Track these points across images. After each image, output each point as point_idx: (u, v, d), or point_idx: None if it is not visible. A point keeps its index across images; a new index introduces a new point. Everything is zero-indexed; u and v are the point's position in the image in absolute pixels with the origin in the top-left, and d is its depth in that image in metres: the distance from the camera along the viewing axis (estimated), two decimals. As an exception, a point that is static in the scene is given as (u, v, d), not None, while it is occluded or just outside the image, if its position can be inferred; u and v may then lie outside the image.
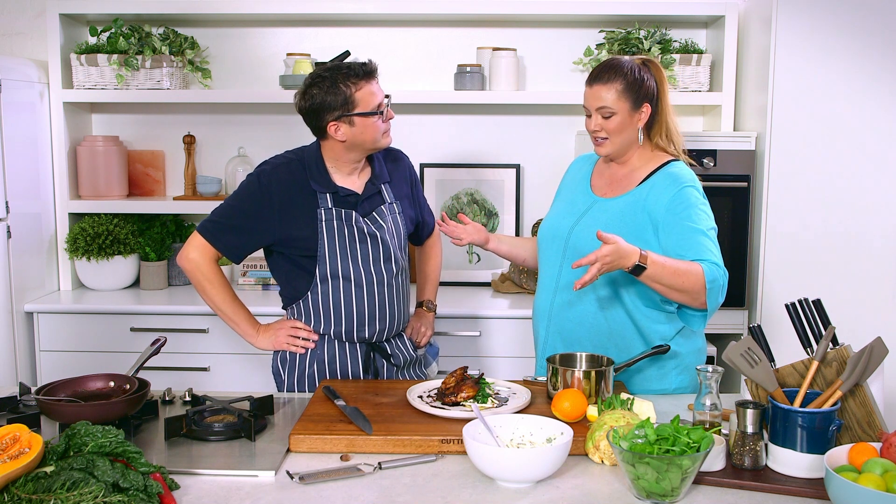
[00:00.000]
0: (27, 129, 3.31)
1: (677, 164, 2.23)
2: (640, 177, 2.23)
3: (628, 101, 2.17)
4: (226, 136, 3.74)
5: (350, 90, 2.19)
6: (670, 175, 2.19)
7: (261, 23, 3.68)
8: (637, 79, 2.17)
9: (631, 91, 2.16)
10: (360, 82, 2.20)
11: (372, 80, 2.23)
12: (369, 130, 2.23)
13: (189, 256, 2.29)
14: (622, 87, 2.16)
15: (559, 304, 2.27)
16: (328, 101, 2.19)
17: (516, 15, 3.52)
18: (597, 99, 2.18)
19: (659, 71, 2.24)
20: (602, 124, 2.19)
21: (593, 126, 2.21)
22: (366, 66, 2.23)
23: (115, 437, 1.54)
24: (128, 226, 3.51)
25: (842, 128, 3.10)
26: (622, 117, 2.17)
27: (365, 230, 2.30)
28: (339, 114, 2.20)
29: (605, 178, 2.31)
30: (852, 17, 3.04)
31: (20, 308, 3.23)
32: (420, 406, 1.94)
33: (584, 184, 2.35)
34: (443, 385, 2.01)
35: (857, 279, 3.14)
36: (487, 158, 3.72)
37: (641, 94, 2.18)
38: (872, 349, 1.69)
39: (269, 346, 2.37)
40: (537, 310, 2.35)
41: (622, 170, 2.28)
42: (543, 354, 2.33)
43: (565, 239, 2.26)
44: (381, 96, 2.25)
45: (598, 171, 2.36)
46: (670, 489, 1.53)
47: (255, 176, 2.31)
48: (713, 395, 1.79)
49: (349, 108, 2.20)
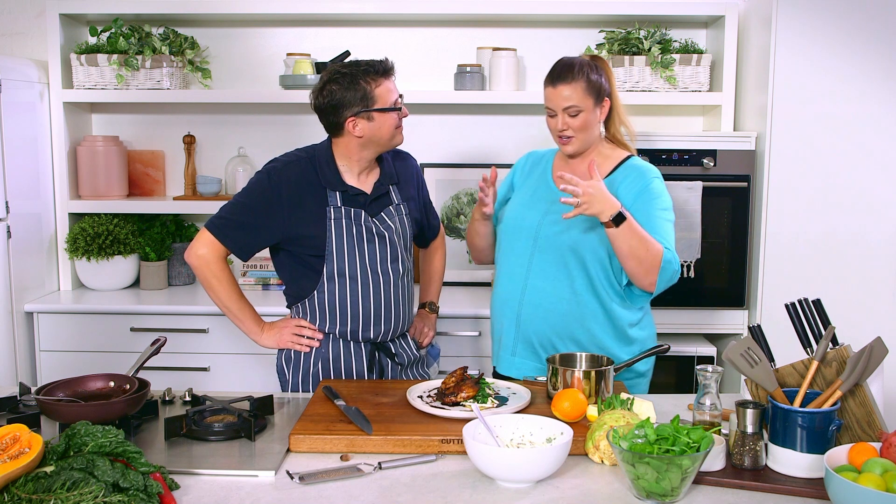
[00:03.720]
0: (27, 129, 3.31)
1: (637, 159, 2.35)
2: (603, 173, 2.31)
3: (592, 97, 2.26)
4: (226, 136, 3.74)
5: (370, 86, 2.22)
6: (636, 168, 2.31)
7: (261, 23, 3.68)
8: (595, 77, 2.27)
9: (593, 87, 2.26)
10: (378, 79, 2.23)
11: (389, 77, 2.27)
12: (386, 126, 2.26)
13: (197, 253, 2.29)
14: (585, 85, 2.24)
15: (531, 292, 2.30)
16: (347, 98, 2.21)
17: (516, 15, 3.52)
18: (563, 98, 2.25)
19: (606, 66, 2.33)
20: (569, 122, 2.26)
21: (560, 126, 2.27)
22: (384, 63, 2.26)
23: (115, 437, 1.54)
24: (128, 226, 3.51)
25: (842, 127, 3.10)
26: (588, 114, 2.26)
27: (373, 230, 2.30)
28: (358, 109, 2.22)
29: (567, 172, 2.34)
30: (852, 17, 3.04)
31: (20, 308, 3.23)
32: (420, 406, 1.94)
33: (546, 177, 2.41)
34: (443, 385, 2.01)
35: (857, 279, 3.14)
36: (487, 158, 3.72)
37: (602, 90, 2.28)
38: (872, 349, 1.69)
39: (273, 344, 2.37)
40: (500, 300, 2.38)
41: (583, 166, 2.33)
42: (506, 345, 2.37)
43: (535, 230, 2.31)
44: (397, 94, 2.28)
45: (557, 167, 2.41)
46: (670, 489, 1.53)
47: (265, 173, 2.31)
48: (713, 395, 1.79)
49: (368, 103, 2.22)
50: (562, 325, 2.28)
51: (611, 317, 2.28)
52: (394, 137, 2.30)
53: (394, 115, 2.26)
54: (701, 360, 3.28)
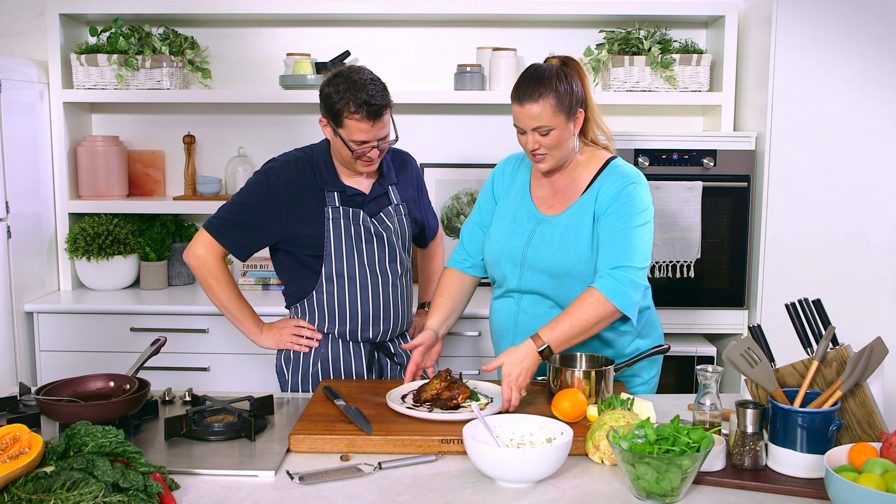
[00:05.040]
0: (27, 129, 3.31)
1: (617, 162, 2.19)
2: (584, 183, 2.18)
3: (563, 114, 2.06)
4: (226, 136, 3.74)
5: (346, 112, 2.15)
6: (615, 173, 2.15)
7: (261, 23, 3.68)
8: (566, 88, 2.06)
9: (563, 103, 2.05)
10: (355, 116, 2.15)
11: (369, 121, 2.15)
12: (344, 153, 2.22)
13: (196, 253, 2.29)
14: (555, 102, 2.04)
15: (525, 302, 2.23)
16: (329, 103, 2.18)
17: (516, 15, 3.52)
18: (531, 119, 2.05)
19: (579, 68, 2.14)
20: (540, 141, 2.08)
21: (531, 145, 2.09)
22: (370, 101, 2.13)
23: (115, 437, 1.54)
24: (128, 226, 3.51)
25: (842, 127, 3.10)
26: (560, 131, 2.07)
27: (371, 230, 2.30)
28: (329, 117, 2.21)
29: (546, 189, 2.24)
30: (852, 17, 3.04)
31: (20, 308, 3.23)
32: (420, 415, 1.89)
33: (524, 196, 2.26)
34: (431, 391, 1.97)
35: (857, 279, 3.14)
36: (487, 158, 3.72)
37: (574, 102, 2.08)
38: (872, 349, 1.69)
39: (272, 344, 2.37)
40: (500, 319, 2.30)
41: (562, 179, 2.21)
42: None
43: (520, 260, 2.20)
44: (371, 136, 2.17)
45: (536, 180, 2.26)
46: (670, 489, 1.53)
47: (263, 173, 2.31)
48: (713, 395, 1.79)
49: (336, 123, 2.19)
50: None
51: (603, 337, 2.20)
52: (353, 164, 2.24)
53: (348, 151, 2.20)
54: (701, 360, 3.28)
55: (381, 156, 2.25)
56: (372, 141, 2.18)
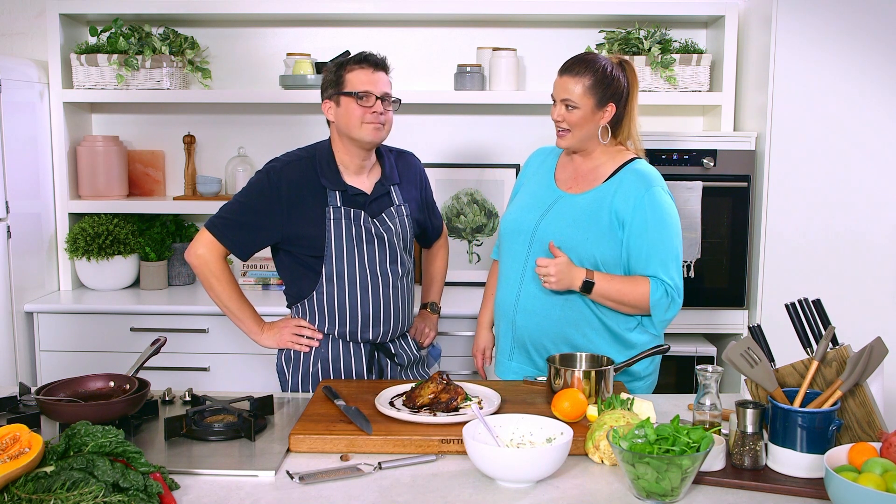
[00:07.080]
0: (27, 129, 3.31)
1: (641, 162, 2.28)
2: (606, 173, 2.26)
3: (593, 98, 2.18)
4: (226, 136, 3.74)
5: (345, 71, 2.24)
6: (637, 174, 2.23)
7: (261, 23, 3.68)
8: (607, 76, 2.19)
9: (598, 88, 2.18)
10: (356, 67, 2.24)
11: (369, 68, 2.24)
12: (351, 115, 2.23)
13: (197, 252, 2.30)
14: (590, 83, 2.18)
15: (525, 297, 2.27)
16: (327, 79, 2.27)
17: (516, 15, 3.52)
18: (563, 90, 2.20)
19: (633, 73, 2.26)
20: (564, 115, 2.21)
21: (556, 115, 2.23)
22: (369, 55, 2.25)
23: (115, 437, 1.54)
24: (128, 226, 3.51)
25: (842, 127, 3.10)
26: (584, 112, 2.19)
27: (373, 231, 2.30)
28: (331, 92, 2.25)
29: (569, 171, 2.33)
30: (852, 17, 3.04)
31: (20, 308, 3.23)
32: (423, 419, 1.87)
33: (549, 177, 2.36)
34: (429, 395, 1.96)
35: (857, 279, 3.14)
36: (487, 158, 3.72)
37: (608, 93, 2.20)
38: (872, 349, 1.69)
39: (273, 344, 2.38)
40: (498, 305, 2.37)
41: (586, 164, 2.30)
42: (503, 349, 2.36)
43: (531, 233, 2.28)
44: (374, 87, 2.23)
45: (561, 164, 2.37)
46: (670, 489, 1.53)
47: (265, 173, 2.31)
48: (713, 395, 1.79)
49: (339, 87, 2.24)
50: (556, 330, 2.25)
51: (605, 322, 2.24)
52: (360, 129, 2.23)
53: (357, 105, 2.21)
54: (701, 360, 3.28)
55: (388, 127, 2.28)
56: (376, 93, 2.23)
